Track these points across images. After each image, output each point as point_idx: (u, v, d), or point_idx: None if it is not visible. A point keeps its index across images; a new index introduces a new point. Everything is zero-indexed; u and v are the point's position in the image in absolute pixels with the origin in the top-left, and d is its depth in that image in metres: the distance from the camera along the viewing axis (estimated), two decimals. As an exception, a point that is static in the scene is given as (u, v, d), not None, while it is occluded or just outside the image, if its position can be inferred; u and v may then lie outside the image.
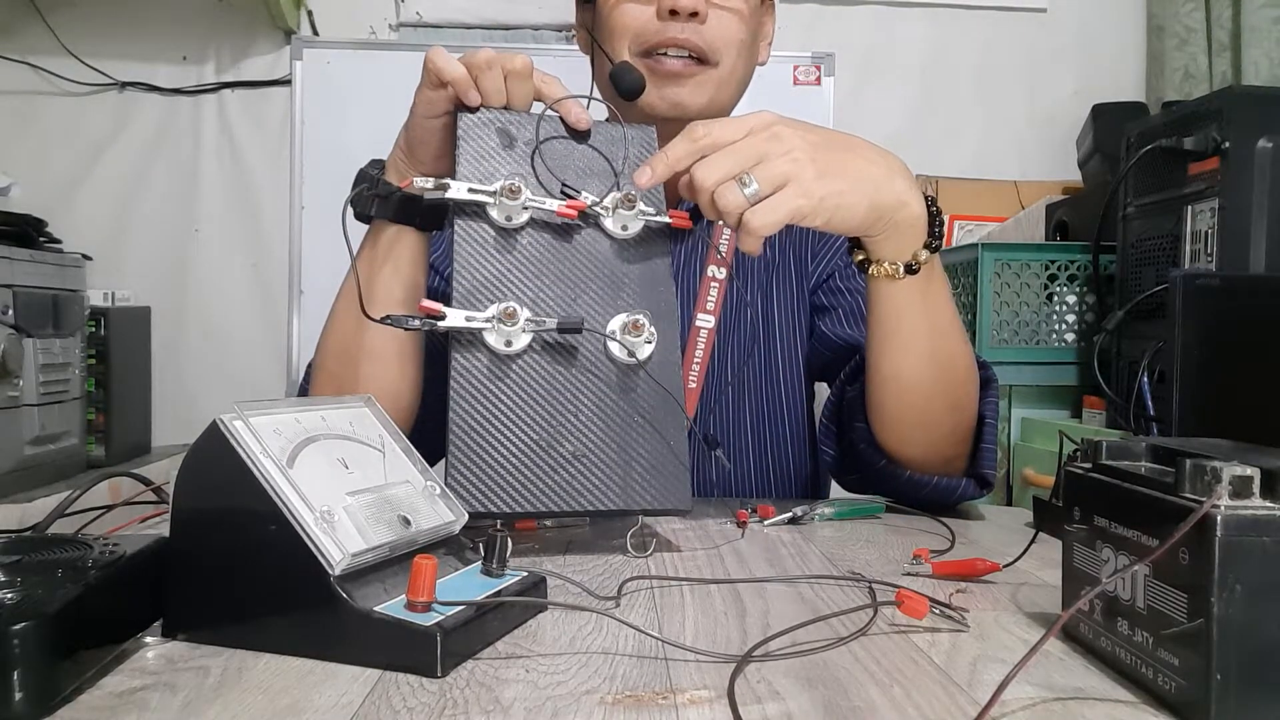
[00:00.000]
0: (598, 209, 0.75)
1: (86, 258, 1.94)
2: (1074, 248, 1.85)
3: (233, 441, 0.48)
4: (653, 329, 0.72)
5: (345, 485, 0.52)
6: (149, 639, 0.49)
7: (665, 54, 0.92)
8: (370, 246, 0.84)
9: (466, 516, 0.58)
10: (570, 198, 0.74)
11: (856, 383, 0.91)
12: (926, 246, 0.77)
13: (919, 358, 0.82)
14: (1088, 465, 0.49)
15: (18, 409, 1.68)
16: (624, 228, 0.75)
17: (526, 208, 0.73)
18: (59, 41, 2.38)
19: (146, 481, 0.85)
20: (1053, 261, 1.84)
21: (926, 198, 0.77)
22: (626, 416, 0.71)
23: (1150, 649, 0.42)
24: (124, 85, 2.44)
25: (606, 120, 0.82)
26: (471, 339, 0.70)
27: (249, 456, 0.48)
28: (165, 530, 0.50)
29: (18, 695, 0.39)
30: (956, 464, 0.88)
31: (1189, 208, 1.48)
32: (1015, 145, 2.56)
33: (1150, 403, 1.43)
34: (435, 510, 0.57)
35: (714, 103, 0.95)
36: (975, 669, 0.47)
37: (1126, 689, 0.44)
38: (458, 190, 0.73)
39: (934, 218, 0.77)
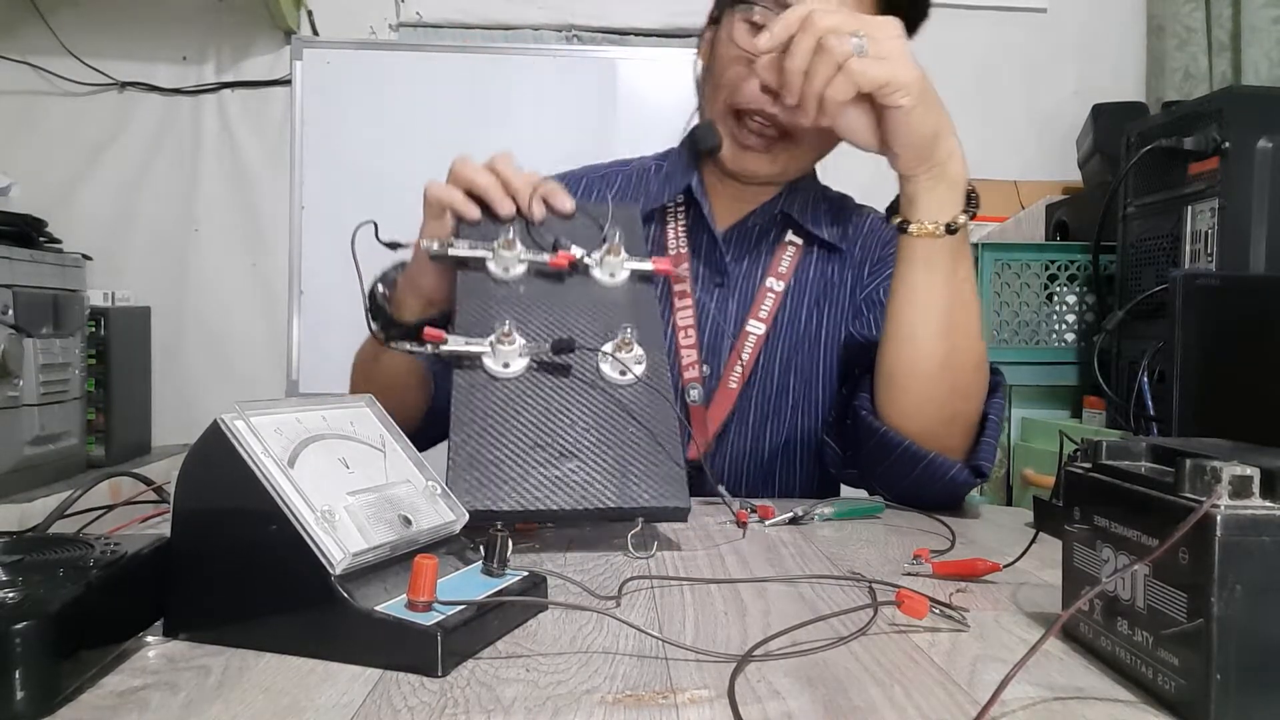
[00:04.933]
0: (586, 260, 0.81)
1: (86, 258, 1.94)
2: (1074, 248, 1.85)
3: (233, 441, 0.48)
4: (641, 351, 0.76)
5: (346, 485, 0.52)
6: (150, 638, 0.49)
7: (753, 119, 0.96)
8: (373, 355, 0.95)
9: (467, 516, 0.58)
10: (562, 250, 0.82)
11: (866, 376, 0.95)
12: (964, 212, 0.84)
13: (935, 323, 0.85)
14: (1088, 465, 0.49)
15: (18, 409, 1.68)
16: (612, 275, 0.82)
17: (522, 260, 0.80)
18: (59, 41, 2.38)
19: (147, 481, 0.85)
20: (1053, 261, 1.84)
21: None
22: (622, 426, 0.73)
23: (1150, 649, 0.42)
24: (124, 85, 2.44)
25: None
26: (472, 364, 0.74)
27: (250, 456, 0.48)
28: (166, 530, 0.50)
29: (19, 694, 0.39)
30: (954, 449, 0.89)
31: (1189, 208, 1.48)
32: (1015, 145, 2.56)
33: (1150, 403, 1.43)
34: (436, 510, 0.57)
35: (786, 171, 1.01)
36: (975, 669, 0.47)
37: (1126, 689, 0.44)
38: (460, 248, 0.80)
39: (969, 190, 0.84)
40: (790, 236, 1.06)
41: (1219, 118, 1.42)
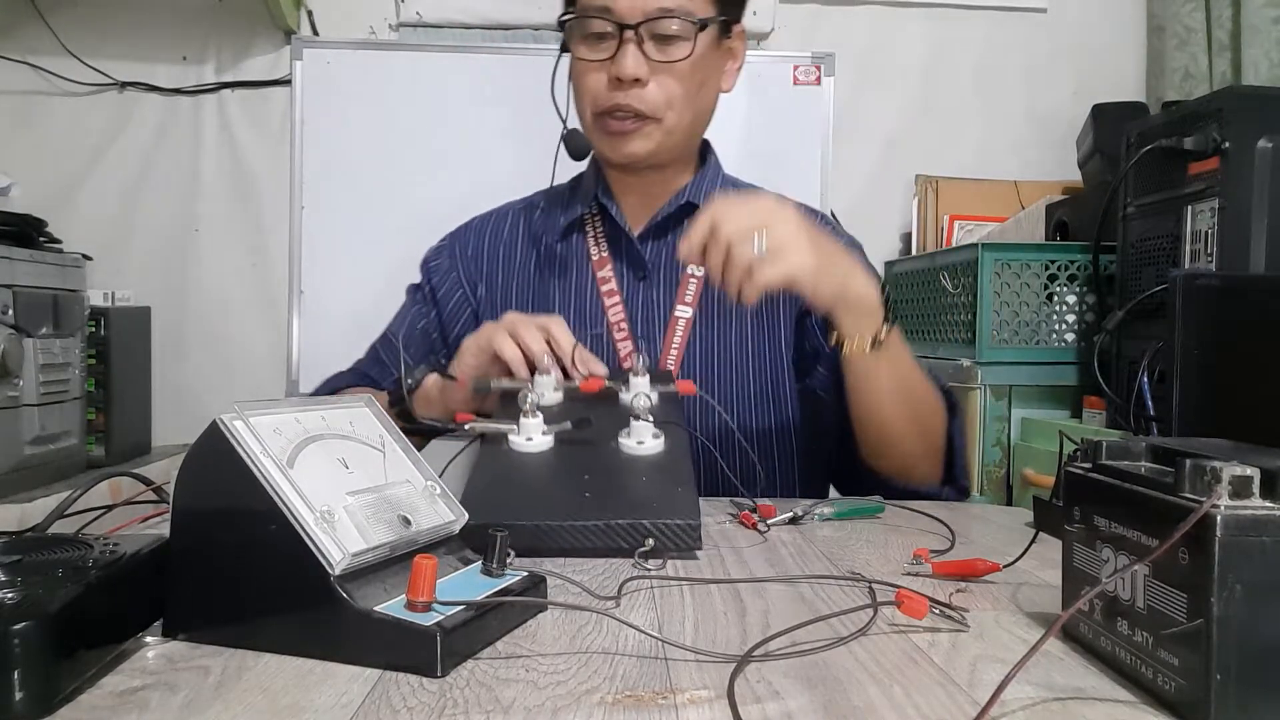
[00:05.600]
0: (613, 385, 0.90)
1: (86, 258, 1.94)
2: (1074, 248, 1.85)
3: (233, 441, 0.48)
4: (656, 430, 0.82)
5: (345, 485, 0.52)
6: (149, 639, 0.49)
7: (616, 112, 1.05)
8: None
9: (466, 516, 0.58)
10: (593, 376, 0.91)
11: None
12: (885, 322, 0.94)
13: (892, 402, 0.99)
14: (1088, 465, 0.49)
15: (18, 409, 1.67)
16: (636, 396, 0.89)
17: (557, 389, 0.89)
18: (59, 41, 2.37)
19: (147, 481, 0.85)
20: (1053, 261, 1.83)
21: (881, 284, 0.95)
22: (637, 475, 0.78)
23: (1150, 649, 0.42)
24: (124, 85, 2.43)
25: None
26: (497, 439, 0.81)
27: (249, 456, 0.48)
28: (165, 530, 0.50)
29: (19, 694, 0.39)
30: (932, 476, 1.05)
31: (1189, 208, 1.47)
32: (1015, 145, 2.55)
33: (1150, 403, 1.43)
34: (435, 510, 0.57)
35: (662, 148, 1.09)
36: (975, 669, 0.47)
37: (1126, 689, 0.44)
38: (503, 382, 0.92)
39: (887, 300, 0.95)
40: None
41: (1219, 118, 1.42)
